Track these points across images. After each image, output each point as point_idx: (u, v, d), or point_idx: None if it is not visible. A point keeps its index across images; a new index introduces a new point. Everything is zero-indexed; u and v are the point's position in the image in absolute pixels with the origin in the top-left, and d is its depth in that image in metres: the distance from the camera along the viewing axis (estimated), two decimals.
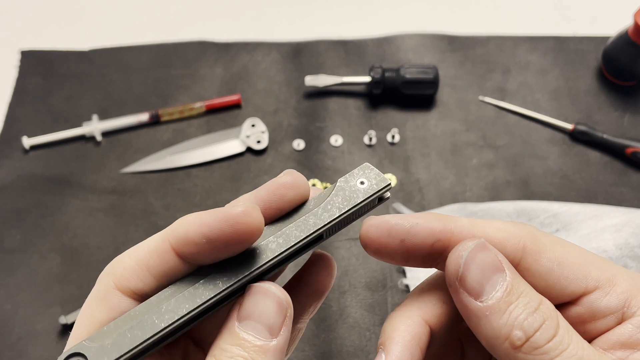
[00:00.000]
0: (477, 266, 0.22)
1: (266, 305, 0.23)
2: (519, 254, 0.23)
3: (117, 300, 0.24)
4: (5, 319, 0.53)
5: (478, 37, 0.70)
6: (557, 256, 0.23)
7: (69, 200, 0.59)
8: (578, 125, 0.62)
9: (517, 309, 0.21)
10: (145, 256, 0.24)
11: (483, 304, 0.21)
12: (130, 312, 0.23)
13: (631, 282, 0.22)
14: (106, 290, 0.24)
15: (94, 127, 0.62)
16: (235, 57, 0.69)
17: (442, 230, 0.23)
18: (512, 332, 0.20)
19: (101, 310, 0.24)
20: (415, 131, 0.64)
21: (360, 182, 0.26)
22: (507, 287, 0.21)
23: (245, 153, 0.62)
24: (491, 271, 0.22)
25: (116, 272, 0.25)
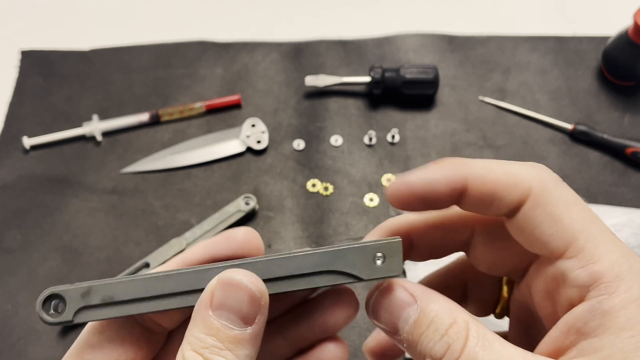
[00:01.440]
0: (385, 310, 0.24)
1: (239, 295, 0.23)
2: (523, 199, 0.24)
3: None
4: (6, 318, 0.53)
5: (478, 37, 0.70)
6: (556, 211, 0.24)
7: (69, 200, 0.60)
8: (578, 125, 0.62)
9: (426, 338, 0.23)
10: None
11: (400, 336, 0.24)
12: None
13: (620, 268, 0.22)
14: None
15: (94, 127, 0.63)
16: (236, 57, 0.69)
17: (457, 180, 0.24)
18: (425, 359, 0.23)
19: None
20: (416, 131, 0.64)
21: (379, 256, 0.24)
22: (415, 320, 0.23)
23: (246, 153, 0.62)
24: (400, 309, 0.24)
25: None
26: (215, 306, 0.23)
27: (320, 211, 0.59)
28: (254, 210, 0.58)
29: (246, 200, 0.58)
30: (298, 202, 0.59)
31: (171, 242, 0.54)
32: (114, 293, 0.24)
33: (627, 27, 0.62)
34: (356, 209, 0.59)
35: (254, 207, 0.58)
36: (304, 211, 0.59)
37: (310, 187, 0.60)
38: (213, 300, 0.23)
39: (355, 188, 0.60)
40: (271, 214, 0.59)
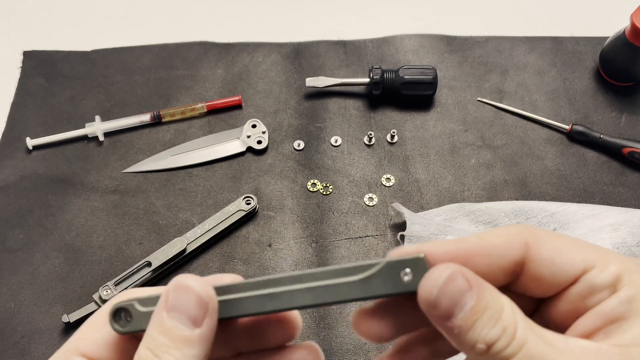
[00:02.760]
0: (449, 294, 0.24)
1: (188, 298, 0.25)
2: (523, 249, 0.26)
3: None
4: (9, 317, 0.53)
5: (476, 38, 0.71)
6: (555, 246, 0.26)
7: (72, 200, 0.60)
8: (575, 126, 0.63)
9: (481, 324, 0.24)
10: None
11: (452, 323, 0.24)
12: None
13: (622, 261, 0.25)
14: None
15: (96, 127, 0.63)
16: (236, 58, 0.69)
17: (457, 256, 0.26)
18: (477, 344, 0.24)
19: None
20: (414, 131, 0.64)
21: (405, 272, 0.25)
22: (472, 307, 0.24)
23: (246, 153, 0.63)
24: (458, 295, 0.24)
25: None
26: (168, 307, 0.25)
27: (320, 211, 0.59)
28: (254, 210, 0.58)
29: (247, 200, 0.58)
30: (298, 201, 0.60)
31: (173, 241, 0.55)
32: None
33: (624, 28, 0.62)
34: (356, 209, 0.59)
35: (255, 207, 0.58)
36: (304, 211, 0.59)
37: (310, 186, 0.61)
38: (167, 301, 0.25)
39: (355, 188, 0.61)
40: (272, 214, 0.59)
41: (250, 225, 0.59)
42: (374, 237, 0.58)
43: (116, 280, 0.53)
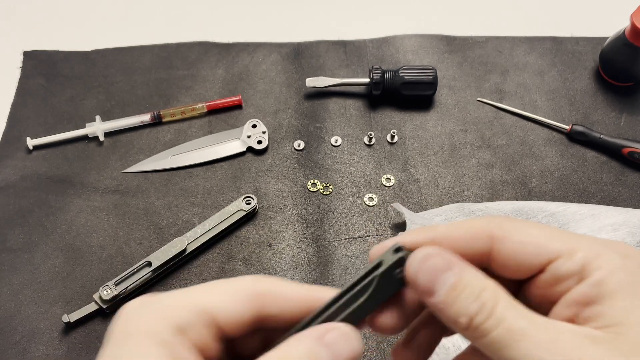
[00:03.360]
0: (425, 272, 0.27)
1: (345, 347, 0.27)
2: (487, 242, 0.28)
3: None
4: (9, 317, 0.54)
5: (476, 38, 0.71)
6: (521, 237, 0.28)
7: (72, 200, 0.60)
8: (575, 126, 0.63)
9: (461, 300, 0.26)
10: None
11: (435, 299, 0.26)
12: None
13: (590, 248, 0.27)
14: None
15: (96, 127, 0.63)
16: (237, 58, 0.69)
17: (427, 243, 0.29)
18: (459, 318, 0.26)
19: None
20: (414, 132, 0.64)
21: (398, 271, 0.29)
22: (452, 283, 0.26)
23: (246, 153, 0.63)
24: (439, 272, 0.27)
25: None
26: (326, 343, 0.26)
27: (320, 211, 0.59)
28: (255, 210, 0.58)
29: (247, 200, 0.58)
30: (298, 201, 0.60)
31: (173, 241, 0.55)
32: None
33: (624, 28, 0.63)
34: (356, 209, 0.59)
35: (255, 207, 0.58)
36: (304, 211, 0.59)
37: (310, 186, 0.61)
38: (326, 337, 0.26)
39: (355, 188, 0.61)
40: (272, 214, 0.59)
41: (250, 225, 0.59)
42: (374, 237, 0.58)
43: (116, 280, 0.53)
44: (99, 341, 0.52)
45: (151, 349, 0.25)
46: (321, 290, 0.29)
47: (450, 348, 0.48)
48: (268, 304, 0.28)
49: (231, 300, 0.28)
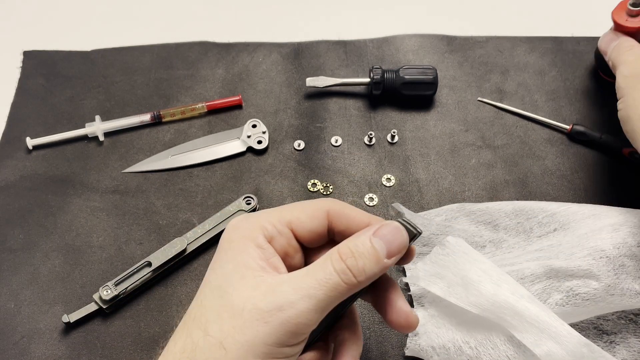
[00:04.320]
0: (604, 41, 0.59)
1: (396, 237, 0.36)
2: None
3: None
4: (9, 317, 0.53)
5: (477, 38, 0.71)
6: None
7: (72, 200, 0.60)
8: (576, 126, 0.63)
9: (618, 50, 0.56)
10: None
11: (607, 56, 0.58)
12: None
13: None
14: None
15: (96, 127, 0.63)
16: (237, 58, 0.69)
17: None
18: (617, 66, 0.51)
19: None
20: (415, 131, 0.64)
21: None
22: (614, 48, 0.58)
23: (247, 153, 0.63)
24: (610, 40, 0.59)
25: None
26: (377, 234, 0.36)
27: None
28: (255, 210, 0.58)
29: (247, 200, 0.58)
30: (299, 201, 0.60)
31: (173, 241, 0.55)
32: None
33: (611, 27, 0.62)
34: None
35: (255, 207, 0.58)
36: None
37: (310, 187, 0.61)
38: (378, 231, 0.36)
39: (355, 188, 0.61)
40: None
41: None
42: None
43: (116, 280, 0.53)
44: (99, 341, 0.52)
45: (249, 249, 0.36)
46: (379, 219, 0.39)
47: (451, 348, 0.48)
48: (337, 221, 0.38)
49: (309, 216, 0.38)
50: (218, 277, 0.36)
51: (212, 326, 0.34)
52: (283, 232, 0.38)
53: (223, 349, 0.33)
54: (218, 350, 0.34)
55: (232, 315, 0.34)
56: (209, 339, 0.34)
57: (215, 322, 0.34)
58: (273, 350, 0.33)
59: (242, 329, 0.33)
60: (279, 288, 0.34)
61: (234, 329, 0.34)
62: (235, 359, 0.33)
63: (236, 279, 0.35)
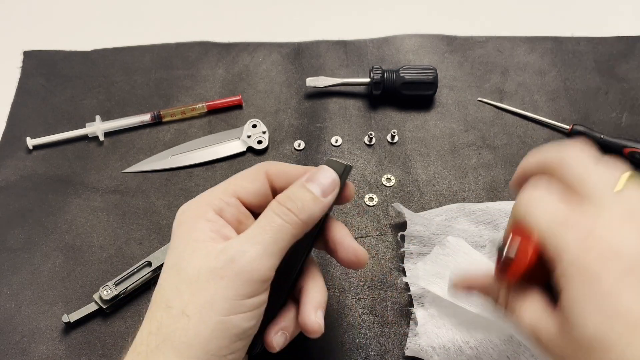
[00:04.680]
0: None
1: (326, 177, 0.39)
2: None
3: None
4: (9, 317, 0.53)
5: (477, 38, 0.71)
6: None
7: (72, 200, 0.60)
8: (576, 126, 0.63)
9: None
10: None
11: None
12: None
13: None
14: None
15: (96, 127, 0.63)
16: (237, 58, 0.69)
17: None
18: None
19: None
20: (415, 131, 0.64)
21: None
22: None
23: (247, 153, 0.63)
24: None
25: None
26: (309, 179, 0.39)
27: None
28: None
29: None
30: None
31: None
32: None
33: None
34: (356, 209, 0.59)
35: None
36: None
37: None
38: (310, 175, 0.39)
39: (355, 188, 0.61)
40: None
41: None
42: (375, 237, 0.58)
43: (116, 280, 0.53)
44: (99, 341, 0.52)
45: (198, 224, 0.37)
46: (313, 168, 0.40)
47: (451, 348, 0.48)
48: (277, 178, 0.41)
49: (250, 180, 0.40)
50: (172, 258, 0.37)
51: (173, 301, 0.35)
52: (230, 202, 0.39)
53: (186, 316, 0.34)
54: (181, 319, 0.34)
55: (189, 284, 0.35)
56: (171, 311, 0.35)
57: (175, 297, 0.35)
58: (235, 304, 0.34)
59: (200, 292, 0.34)
60: (228, 245, 0.36)
61: (193, 295, 0.34)
62: (200, 322, 0.34)
63: (188, 253, 0.36)
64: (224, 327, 0.34)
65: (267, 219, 0.37)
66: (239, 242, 0.36)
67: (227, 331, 0.34)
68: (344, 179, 0.40)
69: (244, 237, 0.36)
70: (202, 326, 0.34)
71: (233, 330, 0.34)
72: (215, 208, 0.38)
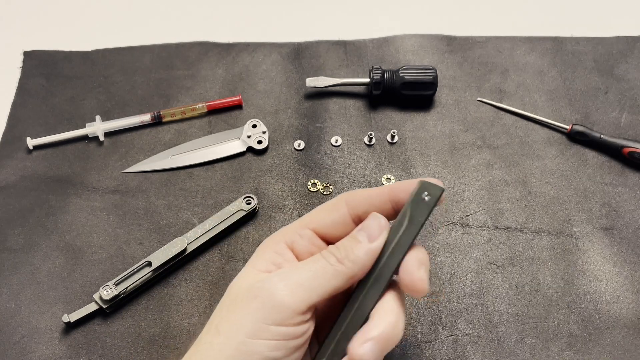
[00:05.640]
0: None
1: (373, 223, 0.38)
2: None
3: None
4: (9, 317, 0.54)
5: (476, 38, 0.71)
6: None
7: (72, 200, 0.60)
8: (575, 126, 0.63)
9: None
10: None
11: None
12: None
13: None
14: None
15: (96, 127, 0.63)
16: (237, 58, 0.69)
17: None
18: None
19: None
20: (415, 131, 0.64)
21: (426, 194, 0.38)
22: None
23: (247, 153, 0.63)
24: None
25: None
26: (359, 228, 0.38)
27: None
28: (255, 210, 0.58)
29: (247, 200, 0.58)
30: (299, 201, 0.60)
31: (173, 241, 0.55)
32: None
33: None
34: None
35: (255, 207, 0.58)
36: (305, 210, 0.59)
37: (310, 186, 0.61)
38: (361, 224, 0.38)
39: (355, 188, 0.61)
40: (272, 214, 0.59)
41: (250, 225, 0.59)
42: None
43: (117, 280, 0.53)
44: (99, 341, 0.52)
45: (265, 254, 0.39)
46: (397, 184, 0.40)
47: None
48: (358, 204, 0.40)
49: (328, 210, 0.40)
50: (231, 285, 0.39)
51: (215, 317, 0.37)
52: (304, 234, 0.40)
53: (217, 332, 0.35)
54: (213, 334, 0.36)
55: (230, 302, 0.36)
56: (210, 325, 0.37)
57: (217, 313, 0.37)
58: (260, 327, 0.34)
59: (235, 309, 0.36)
60: (274, 273, 0.37)
61: (228, 311, 0.36)
62: (226, 339, 0.34)
63: (242, 277, 0.38)
64: (246, 349, 0.34)
65: (313, 258, 0.37)
66: (283, 271, 0.37)
67: (248, 355, 0.34)
68: (435, 200, 0.38)
69: (289, 269, 0.37)
70: (227, 344, 0.34)
71: (254, 356, 0.34)
72: (287, 240, 0.39)
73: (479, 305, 0.54)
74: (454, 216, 0.59)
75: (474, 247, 0.57)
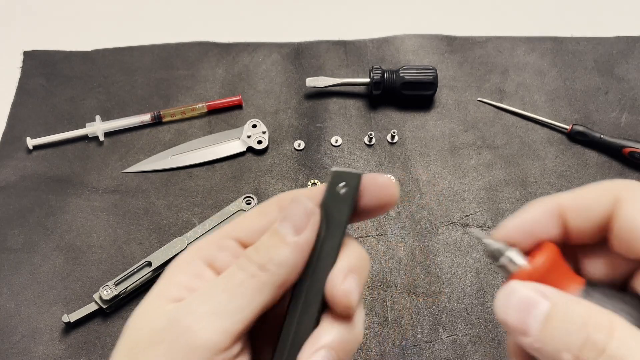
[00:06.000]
0: (513, 309, 0.24)
1: (297, 210, 0.29)
2: (611, 205, 0.25)
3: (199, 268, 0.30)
4: (9, 317, 0.53)
5: (477, 38, 0.71)
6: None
7: (72, 200, 0.60)
8: (575, 126, 0.63)
9: (559, 333, 0.22)
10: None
11: (529, 338, 0.23)
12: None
13: None
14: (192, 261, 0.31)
15: (96, 127, 0.63)
16: (237, 58, 0.69)
17: (553, 208, 0.27)
18: (560, 355, 0.22)
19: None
20: (415, 131, 0.64)
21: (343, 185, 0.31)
22: (545, 317, 0.23)
23: (247, 153, 0.63)
24: (528, 307, 0.24)
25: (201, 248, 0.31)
26: (281, 219, 0.29)
27: None
28: None
29: (247, 200, 0.58)
30: None
31: (173, 241, 0.55)
32: None
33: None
34: None
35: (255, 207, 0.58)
36: None
37: (310, 186, 0.61)
38: (282, 215, 0.29)
39: None
40: None
41: None
42: (374, 237, 0.58)
43: (116, 280, 0.53)
44: (99, 341, 0.52)
45: (177, 277, 0.30)
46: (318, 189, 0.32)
47: None
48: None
49: (256, 217, 0.32)
50: (130, 318, 0.30)
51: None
52: (226, 246, 0.31)
53: None
54: None
55: (128, 350, 0.28)
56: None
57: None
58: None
59: (135, 357, 0.28)
60: (181, 303, 0.28)
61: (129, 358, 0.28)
62: None
63: (141, 312, 0.29)
64: None
65: (228, 272, 0.29)
66: (192, 298, 0.28)
67: None
68: (353, 191, 0.32)
69: (198, 294, 0.28)
70: None
71: None
72: (204, 256, 0.30)
73: (479, 305, 0.54)
74: (454, 216, 0.59)
75: (474, 247, 0.57)
